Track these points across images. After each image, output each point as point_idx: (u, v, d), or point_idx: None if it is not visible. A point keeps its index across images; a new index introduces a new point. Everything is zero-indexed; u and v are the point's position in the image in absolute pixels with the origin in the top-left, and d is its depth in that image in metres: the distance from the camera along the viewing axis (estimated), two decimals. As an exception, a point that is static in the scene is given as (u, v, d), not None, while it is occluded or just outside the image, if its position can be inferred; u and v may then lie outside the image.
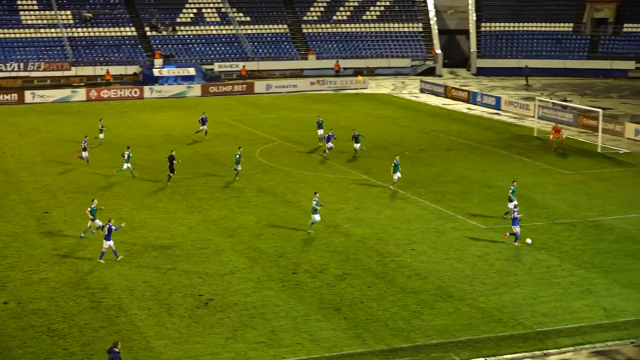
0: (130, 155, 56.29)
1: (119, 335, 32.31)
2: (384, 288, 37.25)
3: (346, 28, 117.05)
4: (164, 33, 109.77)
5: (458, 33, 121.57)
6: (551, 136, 66.60)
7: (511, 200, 47.08)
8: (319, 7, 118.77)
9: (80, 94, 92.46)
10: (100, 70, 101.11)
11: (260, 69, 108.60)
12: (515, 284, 37.76)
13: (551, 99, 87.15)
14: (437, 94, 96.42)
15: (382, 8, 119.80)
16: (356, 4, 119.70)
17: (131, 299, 36.05)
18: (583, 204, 50.68)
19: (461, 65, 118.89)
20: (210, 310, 34.83)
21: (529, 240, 42.80)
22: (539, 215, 48.32)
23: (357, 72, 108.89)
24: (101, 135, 66.67)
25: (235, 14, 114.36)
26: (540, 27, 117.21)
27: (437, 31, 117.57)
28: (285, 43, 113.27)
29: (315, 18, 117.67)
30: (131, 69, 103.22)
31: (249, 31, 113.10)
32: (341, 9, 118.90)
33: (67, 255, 41.42)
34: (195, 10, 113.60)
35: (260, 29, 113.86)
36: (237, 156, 55.80)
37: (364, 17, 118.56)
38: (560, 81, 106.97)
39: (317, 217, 44.78)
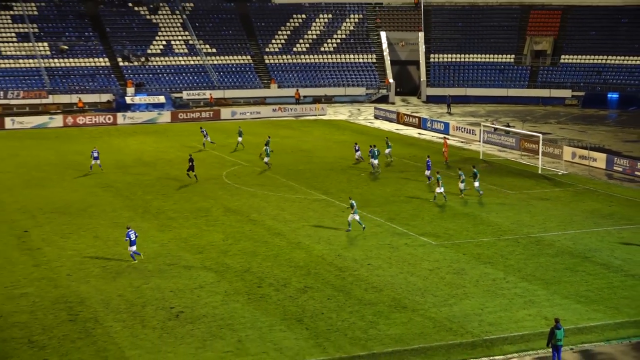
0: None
1: (95, 346, 32.18)
2: (342, 300, 37.33)
3: (306, 59, 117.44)
4: (136, 63, 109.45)
5: (409, 64, 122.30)
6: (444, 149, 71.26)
7: None
8: (280, 39, 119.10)
9: (57, 121, 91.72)
10: (76, 99, 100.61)
11: (225, 97, 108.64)
12: (464, 296, 38.00)
13: (495, 125, 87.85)
14: (390, 120, 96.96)
15: (338, 40, 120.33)
16: (315, 36, 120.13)
17: (107, 311, 35.85)
18: (525, 222, 51.12)
19: (412, 93, 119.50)
20: (181, 322, 34.72)
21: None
22: (485, 232, 48.69)
23: (316, 99, 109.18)
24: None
25: (202, 46, 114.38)
26: (485, 58, 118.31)
27: (389, 62, 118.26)
28: (249, 73, 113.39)
29: (277, 49, 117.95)
30: (105, 97, 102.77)
31: (215, 62, 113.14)
32: (301, 41, 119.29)
33: (46, 271, 41.11)
34: (164, 42, 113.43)
35: (226, 60, 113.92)
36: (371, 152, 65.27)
37: (322, 49, 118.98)
38: (503, 108, 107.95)
39: (356, 217, 47.76)
